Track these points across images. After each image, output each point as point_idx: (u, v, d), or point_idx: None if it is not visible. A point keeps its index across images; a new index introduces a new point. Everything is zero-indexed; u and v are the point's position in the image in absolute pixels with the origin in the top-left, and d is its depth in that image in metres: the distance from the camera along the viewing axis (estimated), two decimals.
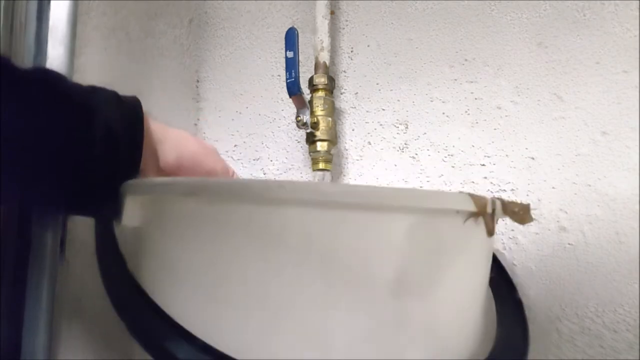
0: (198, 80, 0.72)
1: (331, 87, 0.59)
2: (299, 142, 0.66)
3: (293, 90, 0.53)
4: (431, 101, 0.60)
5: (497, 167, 0.56)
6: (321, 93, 0.57)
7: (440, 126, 0.59)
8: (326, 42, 0.59)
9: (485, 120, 0.57)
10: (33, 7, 0.42)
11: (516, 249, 0.54)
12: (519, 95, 0.56)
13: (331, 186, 0.27)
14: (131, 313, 0.28)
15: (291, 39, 0.53)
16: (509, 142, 0.56)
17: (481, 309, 0.34)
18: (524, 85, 0.56)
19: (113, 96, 0.35)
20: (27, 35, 0.41)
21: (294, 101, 0.55)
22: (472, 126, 0.57)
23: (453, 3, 0.60)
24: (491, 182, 0.56)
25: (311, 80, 0.58)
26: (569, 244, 0.52)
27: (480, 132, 0.57)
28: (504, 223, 0.55)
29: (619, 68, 0.52)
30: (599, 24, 0.53)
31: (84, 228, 0.45)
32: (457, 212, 0.30)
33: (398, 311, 0.28)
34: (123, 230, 0.33)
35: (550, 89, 0.55)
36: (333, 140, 0.57)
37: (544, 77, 0.55)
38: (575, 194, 0.52)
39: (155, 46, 0.62)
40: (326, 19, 0.60)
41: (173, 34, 0.66)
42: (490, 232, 0.33)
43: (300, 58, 0.53)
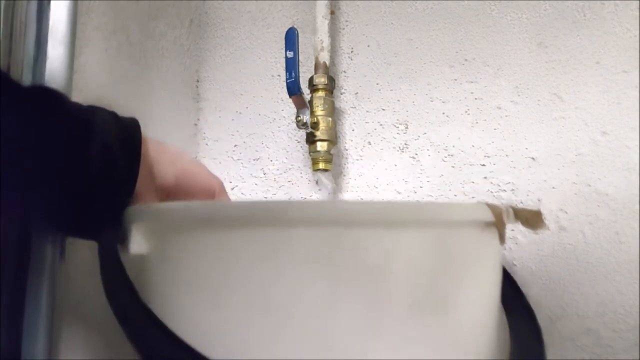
0: (198, 80, 0.72)
1: (331, 87, 0.59)
2: (299, 142, 0.66)
3: (293, 90, 0.53)
4: (431, 101, 0.60)
5: (497, 167, 0.56)
6: (321, 93, 0.57)
7: (440, 126, 0.59)
8: (326, 42, 0.59)
9: (485, 120, 0.57)
10: (33, 7, 0.42)
11: (516, 249, 0.54)
12: (519, 95, 0.56)
13: (350, 204, 0.27)
14: (145, 343, 0.27)
15: (291, 39, 0.53)
16: (509, 142, 0.56)
17: (496, 319, 0.33)
18: (524, 85, 0.56)
19: (111, 115, 0.35)
20: (27, 35, 0.41)
21: (294, 101, 0.55)
22: (472, 126, 0.57)
23: (453, 3, 0.60)
24: (491, 182, 0.56)
25: (311, 80, 0.58)
26: (569, 244, 0.52)
27: (480, 132, 0.57)
28: None
29: (619, 68, 0.52)
30: (599, 24, 0.53)
31: None
32: (476, 223, 0.29)
33: (419, 327, 0.27)
34: (129, 256, 0.32)
35: (550, 89, 0.55)
36: (333, 140, 0.57)
37: (544, 77, 0.55)
38: (575, 194, 0.52)
39: (155, 47, 0.62)
40: (326, 19, 0.60)
41: (173, 35, 0.66)
42: (502, 240, 0.33)
43: (300, 58, 0.53)
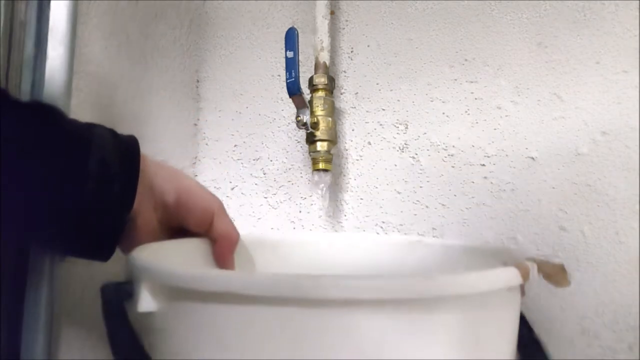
0: (198, 80, 0.72)
1: (331, 87, 0.59)
2: (299, 142, 0.66)
3: (293, 90, 0.53)
4: (431, 101, 0.60)
5: (497, 167, 0.56)
6: (321, 93, 0.57)
7: (440, 126, 0.59)
8: (326, 42, 0.59)
9: (485, 120, 0.57)
10: (33, 7, 0.42)
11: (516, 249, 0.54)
12: (519, 95, 0.56)
13: (379, 280, 0.24)
14: None
15: (291, 39, 0.53)
16: (509, 142, 0.56)
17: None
18: (524, 85, 0.56)
19: (109, 132, 0.35)
20: (27, 35, 0.41)
21: (294, 101, 0.55)
22: (472, 126, 0.57)
23: (453, 3, 0.60)
24: (491, 182, 0.56)
25: (311, 80, 0.58)
26: (569, 244, 0.52)
27: (480, 132, 0.57)
28: (504, 223, 0.55)
29: (619, 68, 0.52)
30: (599, 24, 0.53)
31: None
32: (504, 289, 0.29)
33: None
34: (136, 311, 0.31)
35: (550, 89, 0.55)
36: (333, 140, 0.57)
37: (544, 77, 0.55)
38: (575, 194, 0.52)
39: (155, 47, 0.62)
40: (326, 19, 0.60)
41: (173, 35, 0.66)
42: (523, 293, 0.32)
43: (300, 58, 0.53)
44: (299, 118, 0.56)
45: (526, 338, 0.35)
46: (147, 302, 0.28)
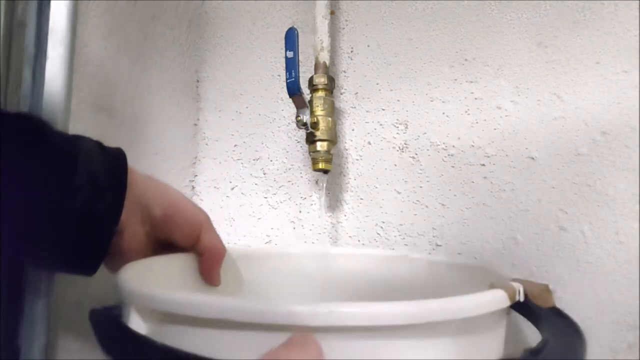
0: (198, 80, 0.72)
1: (331, 87, 0.59)
2: (299, 142, 0.66)
3: (293, 90, 0.53)
4: (431, 101, 0.60)
5: (497, 167, 0.56)
6: (321, 93, 0.57)
7: (440, 126, 0.59)
8: (326, 42, 0.59)
9: (485, 120, 0.57)
10: (33, 7, 0.42)
11: (516, 249, 0.54)
12: (519, 95, 0.56)
13: (372, 307, 0.24)
14: None
15: (291, 39, 0.53)
16: (509, 142, 0.56)
17: None
18: (524, 85, 0.56)
19: (96, 145, 0.34)
20: (27, 35, 0.41)
21: (294, 101, 0.55)
22: (472, 126, 0.57)
23: (453, 3, 0.60)
24: (491, 182, 0.56)
25: (311, 80, 0.58)
26: (569, 244, 0.52)
27: (480, 132, 0.57)
28: (504, 223, 0.55)
29: (619, 68, 0.52)
30: (599, 24, 0.53)
31: None
32: (491, 313, 0.29)
33: None
34: None
35: (550, 89, 0.55)
36: (333, 140, 0.57)
37: (544, 77, 0.55)
38: (575, 194, 0.52)
39: (154, 47, 0.62)
40: (326, 19, 0.60)
41: (173, 35, 0.66)
42: (509, 313, 0.32)
43: (300, 58, 0.53)
44: (299, 118, 0.56)
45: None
46: (138, 326, 0.28)
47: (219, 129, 0.70)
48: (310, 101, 0.57)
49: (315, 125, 0.56)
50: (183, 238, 0.38)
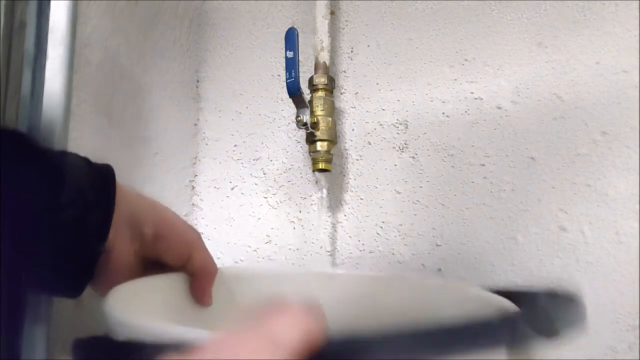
0: (198, 80, 0.72)
1: (331, 87, 0.59)
2: (299, 142, 0.66)
3: (293, 90, 0.53)
4: (431, 101, 0.60)
5: (497, 167, 0.56)
6: (321, 93, 0.57)
7: (440, 126, 0.59)
8: (326, 42, 0.59)
9: (485, 120, 0.57)
10: (33, 7, 0.42)
11: (516, 249, 0.54)
12: (519, 95, 0.56)
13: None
14: None
15: (291, 39, 0.53)
16: (509, 142, 0.56)
17: None
18: (524, 85, 0.56)
19: (83, 161, 0.33)
20: (27, 35, 0.41)
21: (294, 101, 0.55)
22: (472, 126, 0.57)
23: (453, 3, 0.60)
24: (491, 182, 0.56)
25: (311, 80, 0.58)
26: (569, 244, 0.52)
27: (480, 132, 0.57)
28: (504, 223, 0.55)
29: (619, 68, 0.52)
30: (599, 24, 0.53)
31: None
32: None
33: None
34: None
35: (550, 89, 0.55)
36: (333, 140, 0.57)
37: (544, 77, 0.55)
38: (575, 194, 0.52)
39: (155, 47, 0.62)
40: (326, 19, 0.60)
41: (173, 35, 0.66)
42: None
43: (300, 58, 0.53)
44: (299, 118, 0.56)
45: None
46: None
47: (219, 129, 0.70)
48: (310, 101, 0.57)
49: (315, 125, 0.56)
50: (174, 257, 0.37)
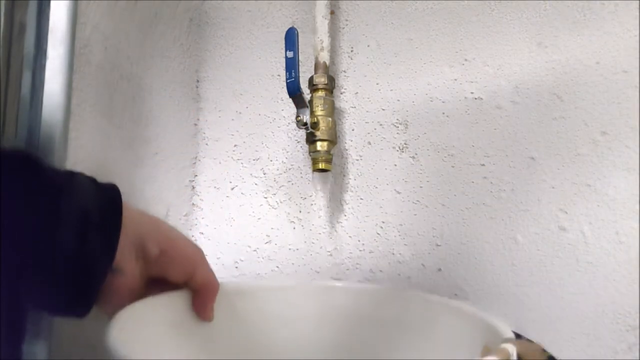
0: (198, 80, 0.72)
1: (331, 87, 0.59)
2: (299, 142, 0.66)
3: (293, 90, 0.53)
4: (431, 101, 0.60)
5: (497, 167, 0.56)
6: (321, 93, 0.57)
7: (440, 126, 0.59)
8: (326, 42, 0.59)
9: (485, 120, 0.57)
10: (33, 7, 0.42)
11: (516, 249, 0.54)
12: (519, 95, 0.56)
13: None
14: None
15: (291, 39, 0.53)
16: (509, 142, 0.56)
17: None
18: (524, 85, 0.56)
19: (90, 182, 0.34)
20: (27, 35, 0.41)
21: (294, 101, 0.55)
22: (472, 126, 0.57)
23: (453, 3, 0.60)
24: (491, 182, 0.56)
25: (311, 80, 0.58)
26: (569, 244, 0.52)
27: (480, 132, 0.57)
28: (504, 223, 0.55)
29: (619, 68, 0.52)
30: (599, 24, 0.53)
31: None
32: None
33: None
34: None
35: (550, 89, 0.55)
36: (333, 140, 0.57)
37: (544, 77, 0.55)
38: (575, 194, 0.52)
39: (155, 46, 0.62)
40: (326, 19, 0.60)
41: (173, 34, 0.66)
42: None
43: (300, 58, 0.53)
44: (299, 118, 0.56)
45: None
46: None
47: (219, 129, 0.70)
48: (310, 101, 0.57)
49: (315, 125, 0.56)
50: (178, 274, 0.38)
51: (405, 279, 0.58)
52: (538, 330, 0.52)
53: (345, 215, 0.62)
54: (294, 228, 0.65)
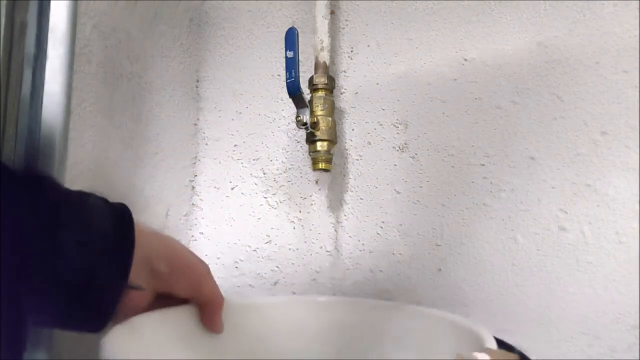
0: (198, 80, 0.72)
1: (331, 87, 0.59)
2: (299, 142, 0.66)
3: (293, 90, 0.53)
4: (431, 101, 0.60)
5: (497, 167, 0.56)
6: (321, 93, 0.57)
7: (440, 126, 0.59)
8: (326, 42, 0.59)
9: (485, 120, 0.57)
10: (33, 7, 0.42)
11: (516, 249, 0.54)
12: (519, 95, 0.56)
13: None
14: None
15: (291, 39, 0.53)
16: (509, 142, 0.56)
17: None
18: (524, 85, 0.56)
19: (102, 203, 0.34)
20: (27, 35, 0.42)
21: (294, 101, 0.55)
22: (472, 126, 0.57)
23: (453, 3, 0.60)
24: (491, 182, 0.56)
25: (311, 80, 0.58)
26: (569, 244, 0.52)
27: (480, 132, 0.57)
28: (504, 223, 0.55)
29: (619, 68, 0.52)
30: (599, 24, 0.53)
31: None
32: None
33: None
34: None
35: (550, 89, 0.55)
36: (333, 140, 0.57)
37: (544, 77, 0.55)
38: (575, 194, 0.52)
39: (155, 46, 0.62)
40: (326, 19, 0.60)
41: (173, 34, 0.66)
42: None
43: (300, 58, 0.53)
44: (299, 118, 0.56)
45: None
46: None
47: (219, 129, 0.70)
48: (310, 101, 0.57)
49: (315, 125, 0.56)
50: (186, 290, 0.39)
51: (405, 279, 0.58)
52: (538, 330, 0.52)
53: (345, 215, 0.62)
54: (294, 228, 0.65)
